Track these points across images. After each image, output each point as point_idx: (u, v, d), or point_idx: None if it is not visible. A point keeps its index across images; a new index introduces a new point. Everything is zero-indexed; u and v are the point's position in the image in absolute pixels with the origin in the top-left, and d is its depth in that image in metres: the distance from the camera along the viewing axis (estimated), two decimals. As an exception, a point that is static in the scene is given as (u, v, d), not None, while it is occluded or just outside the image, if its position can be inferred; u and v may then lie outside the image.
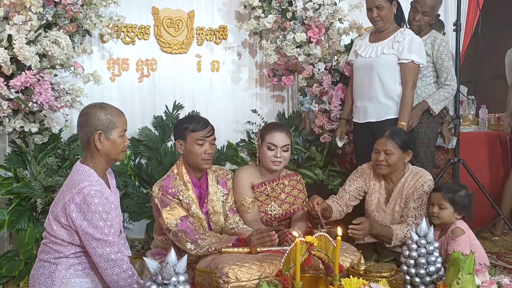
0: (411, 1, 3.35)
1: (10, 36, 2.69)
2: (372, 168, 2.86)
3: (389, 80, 3.06)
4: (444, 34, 3.79)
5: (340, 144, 3.38)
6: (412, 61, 3.01)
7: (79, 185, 1.96)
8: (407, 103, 3.02)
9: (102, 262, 1.98)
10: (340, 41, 3.64)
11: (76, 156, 3.14)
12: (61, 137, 3.15)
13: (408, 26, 3.25)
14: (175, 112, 3.67)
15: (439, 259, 2.21)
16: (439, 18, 3.75)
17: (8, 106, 2.71)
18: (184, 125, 2.53)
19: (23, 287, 2.75)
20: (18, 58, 2.67)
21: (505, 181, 3.83)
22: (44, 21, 2.80)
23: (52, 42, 2.77)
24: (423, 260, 2.18)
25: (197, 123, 2.52)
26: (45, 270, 2.00)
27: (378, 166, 2.75)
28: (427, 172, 2.81)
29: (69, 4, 2.84)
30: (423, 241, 2.21)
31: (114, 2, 3.15)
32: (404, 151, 2.73)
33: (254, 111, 3.86)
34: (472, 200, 2.60)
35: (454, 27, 3.53)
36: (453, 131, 3.57)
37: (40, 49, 2.76)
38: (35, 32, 2.76)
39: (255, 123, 3.86)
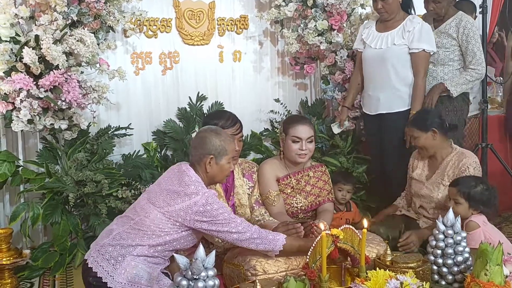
0: None
1: (37, 36, 2.75)
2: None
3: (403, 69, 3.06)
4: (476, 17, 3.63)
5: (337, 131, 3.42)
6: (423, 50, 3.01)
7: (200, 192, 2.09)
8: (419, 92, 3.03)
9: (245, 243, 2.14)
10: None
11: (105, 151, 3.22)
12: (89, 132, 3.23)
13: (416, 13, 3.21)
14: (198, 103, 3.71)
15: (467, 249, 2.20)
16: (468, 0, 3.65)
17: (38, 104, 2.79)
18: (213, 121, 2.54)
19: (59, 278, 2.87)
20: (46, 58, 2.73)
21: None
22: (69, 20, 2.85)
23: (77, 41, 2.82)
24: (450, 250, 2.18)
25: (226, 120, 2.53)
26: (121, 249, 2.08)
27: (417, 151, 2.90)
28: (473, 154, 2.78)
29: (93, 2, 2.88)
30: (450, 231, 2.20)
31: (136, -3, 3.18)
32: (426, 131, 2.73)
33: (277, 100, 3.87)
34: (491, 195, 2.53)
35: (480, 10, 3.43)
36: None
37: (66, 47, 2.81)
38: (60, 31, 2.81)
39: (278, 112, 3.87)
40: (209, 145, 2.15)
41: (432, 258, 2.22)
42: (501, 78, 4.29)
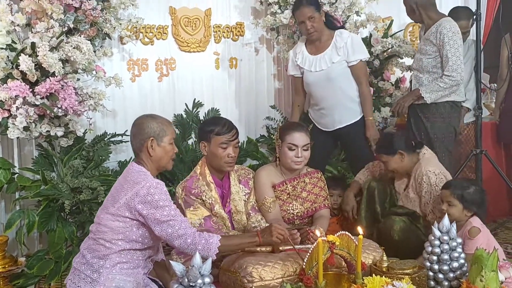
0: None
1: (33, 43, 2.76)
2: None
3: (348, 86, 3.16)
4: (472, 24, 3.54)
5: None
6: (360, 60, 3.12)
7: (141, 182, 2.07)
8: (367, 99, 3.17)
9: (175, 241, 2.06)
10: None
11: (101, 157, 3.22)
12: (86, 139, 3.23)
13: (344, 27, 3.36)
14: (195, 110, 3.72)
15: (462, 255, 2.21)
16: (464, 7, 3.67)
17: (34, 112, 2.79)
18: (209, 128, 2.56)
19: (54, 286, 2.85)
20: (42, 65, 2.74)
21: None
22: (66, 28, 2.86)
23: (74, 48, 2.82)
24: (446, 256, 2.18)
25: (222, 126, 2.55)
26: (92, 265, 2.09)
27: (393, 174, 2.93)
28: (431, 162, 2.78)
29: (89, 9, 2.89)
30: (445, 237, 2.20)
31: (133, 4, 3.20)
32: (393, 154, 2.79)
33: (273, 106, 3.89)
34: (483, 196, 2.54)
35: (474, 17, 3.46)
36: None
37: (62, 55, 2.82)
38: (57, 38, 2.82)
39: (274, 118, 3.89)
40: (147, 129, 2.16)
41: (428, 264, 2.22)
42: (495, 85, 4.33)
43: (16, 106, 2.74)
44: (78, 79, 3.03)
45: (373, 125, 3.18)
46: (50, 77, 2.77)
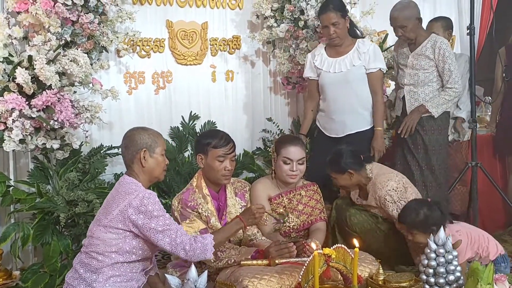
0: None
1: (30, 56, 2.77)
2: None
3: (363, 92, 3.17)
4: (451, 32, 3.71)
5: None
6: (379, 69, 3.14)
7: (134, 192, 2.08)
8: (380, 110, 3.17)
9: (174, 249, 2.08)
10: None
11: (97, 170, 3.22)
12: (82, 152, 3.22)
13: (364, 36, 3.37)
14: (191, 122, 3.72)
15: (459, 268, 2.21)
16: (444, 17, 3.73)
17: (31, 124, 2.78)
18: (206, 140, 2.56)
19: (49, 299, 2.83)
20: (39, 78, 2.74)
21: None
22: (63, 41, 2.87)
23: (70, 61, 2.83)
24: (442, 269, 2.19)
25: (219, 139, 2.54)
26: (85, 279, 2.08)
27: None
28: (384, 182, 2.78)
29: (87, 23, 2.91)
30: (441, 250, 2.21)
31: (130, 18, 3.22)
32: (343, 173, 2.82)
33: (269, 119, 3.90)
34: (435, 211, 2.53)
35: (468, 31, 3.51)
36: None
37: (59, 67, 2.83)
38: (54, 51, 2.83)
39: (271, 131, 3.90)
40: (139, 140, 2.18)
41: (424, 277, 2.22)
42: (490, 98, 4.36)
43: (12, 119, 2.74)
44: (75, 92, 3.03)
45: (381, 136, 3.19)
46: (46, 90, 2.77)
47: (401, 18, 3.14)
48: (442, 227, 2.35)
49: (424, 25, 3.47)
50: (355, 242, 2.10)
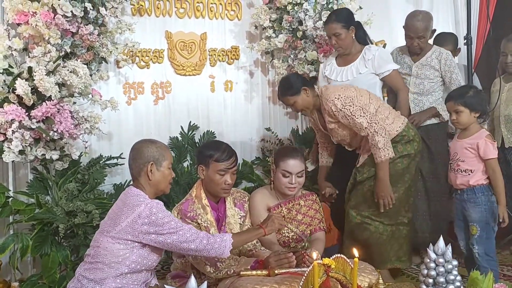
0: (403, 26, 3.31)
1: (30, 68, 2.78)
2: None
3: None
4: (459, 48, 3.73)
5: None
6: (393, 69, 3.15)
7: (141, 204, 2.08)
8: (403, 107, 3.16)
9: (191, 244, 2.11)
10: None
11: (96, 181, 3.22)
12: (81, 162, 3.23)
13: (372, 43, 3.36)
14: (190, 132, 3.74)
15: (458, 277, 2.21)
16: (450, 33, 3.76)
17: (30, 135, 2.79)
18: (209, 152, 2.54)
19: (48, 311, 2.81)
20: (38, 89, 2.76)
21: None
22: (63, 52, 2.90)
23: (70, 72, 2.85)
24: (442, 279, 2.17)
25: (222, 152, 2.52)
26: None
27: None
28: (329, 91, 2.85)
29: (86, 34, 2.93)
30: (441, 260, 2.20)
31: (129, 29, 3.25)
32: (299, 93, 2.88)
33: (268, 129, 3.91)
34: (482, 95, 2.76)
35: (465, 41, 3.53)
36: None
37: (59, 79, 2.84)
38: (53, 62, 2.85)
39: (269, 140, 3.91)
40: (146, 153, 2.18)
41: (424, 287, 2.21)
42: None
43: (12, 130, 2.75)
44: (74, 103, 3.05)
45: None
46: (46, 101, 2.79)
47: (423, 29, 3.17)
48: (441, 237, 2.35)
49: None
50: (355, 251, 2.10)
